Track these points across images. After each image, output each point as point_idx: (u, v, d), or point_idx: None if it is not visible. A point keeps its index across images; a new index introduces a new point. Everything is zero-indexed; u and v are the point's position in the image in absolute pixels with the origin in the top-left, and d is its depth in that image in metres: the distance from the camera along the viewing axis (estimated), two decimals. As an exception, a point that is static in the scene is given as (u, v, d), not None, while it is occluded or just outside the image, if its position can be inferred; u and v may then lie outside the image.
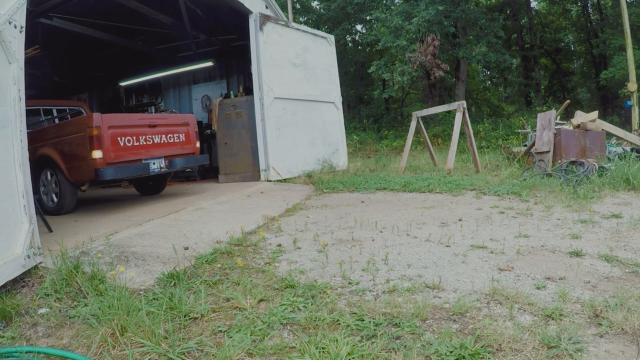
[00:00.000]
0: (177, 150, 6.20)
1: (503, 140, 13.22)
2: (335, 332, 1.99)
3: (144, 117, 6.16)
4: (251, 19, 7.50)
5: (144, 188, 7.25)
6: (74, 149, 5.26)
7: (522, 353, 1.77)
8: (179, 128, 6.33)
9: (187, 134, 6.42)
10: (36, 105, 7.01)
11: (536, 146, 6.85)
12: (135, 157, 5.51)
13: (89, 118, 5.11)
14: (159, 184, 7.14)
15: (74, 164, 5.29)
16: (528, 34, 21.99)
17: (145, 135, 5.74)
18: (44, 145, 5.66)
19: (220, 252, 3.42)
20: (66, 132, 5.41)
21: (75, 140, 5.23)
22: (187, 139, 6.39)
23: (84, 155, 5.11)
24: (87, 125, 5.06)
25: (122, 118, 5.95)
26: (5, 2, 2.70)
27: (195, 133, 6.54)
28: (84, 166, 5.13)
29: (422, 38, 14.24)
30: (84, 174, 5.27)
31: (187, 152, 6.36)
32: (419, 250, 3.28)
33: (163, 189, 7.31)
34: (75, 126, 5.35)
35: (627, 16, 12.00)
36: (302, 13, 22.34)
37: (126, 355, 1.89)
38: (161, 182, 7.12)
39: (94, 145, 5.01)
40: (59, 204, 5.63)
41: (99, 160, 5.03)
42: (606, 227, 3.66)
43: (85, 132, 5.07)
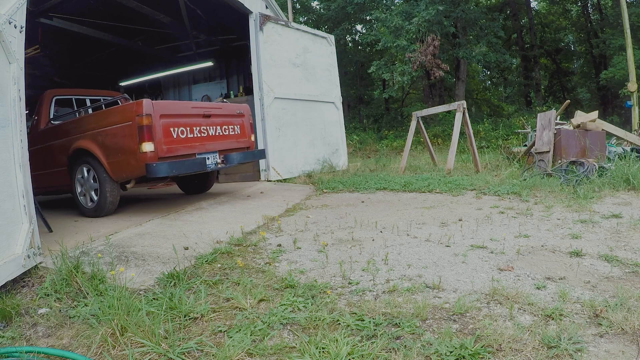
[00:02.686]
0: (232, 144, 5.56)
1: (503, 140, 13.22)
2: (335, 332, 1.99)
3: (197, 105, 5.40)
4: (251, 19, 7.50)
5: (189, 186, 6.67)
6: (119, 141, 4.61)
7: (522, 353, 1.77)
8: (233, 119, 5.68)
9: (242, 125, 5.79)
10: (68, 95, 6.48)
11: (536, 146, 6.85)
12: (188, 150, 4.88)
13: (138, 105, 4.43)
14: (205, 181, 6.51)
15: (118, 158, 4.66)
16: (528, 34, 22.00)
17: (200, 126, 5.07)
18: (80, 137, 5.02)
19: (220, 252, 3.42)
20: (109, 122, 4.75)
21: (121, 131, 4.57)
22: (242, 131, 5.77)
23: (131, 148, 4.48)
24: (135, 114, 4.41)
25: (175, 106, 5.26)
26: (5, 2, 2.70)
27: (250, 125, 5.95)
28: (131, 161, 4.51)
29: (422, 38, 14.24)
30: (131, 170, 4.64)
31: (242, 145, 5.75)
32: (419, 250, 3.28)
33: (210, 187, 6.69)
34: (120, 115, 4.65)
35: (627, 16, 12.00)
36: (302, 13, 22.34)
37: (126, 355, 1.89)
38: (208, 179, 6.50)
39: (143, 136, 4.37)
40: (99, 205, 4.96)
41: (150, 154, 4.41)
42: (606, 227, 3.66)
43: (133, 122, 4.42)
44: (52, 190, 6.20)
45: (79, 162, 5.14)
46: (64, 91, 6.45)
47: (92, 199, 5.07)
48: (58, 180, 5.61)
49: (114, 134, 4.67)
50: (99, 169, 4.86)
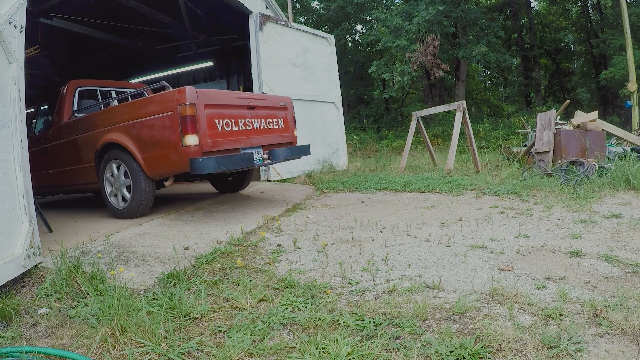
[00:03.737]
0: (276, 139, 5.16)
1: (503, 140, 13.23)
2: (335, 332, 1.99)
3: (242, 95, 4.98)
4: (251, 19, 7.50)
5: (224, 184, 6.24)
6: (157, 133, 4.16)
7: (522, 353, 1.77)
8: (277, 112, 5.30)
9: (286, 119, 5.42)
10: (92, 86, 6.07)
11: (536, 146, 6.85)
12: (233, 145, 4.46)
13: (181, 93, 4.01)
14: (243, 179, 6.10)
15: (155, 152, 4.22)
16: (528, 34, 22.00)
17: (244, 118, 4.66)
18: (111, 130, 4.57)
19: (220, 252, 3.42)
20: (146, 112, 4.28)
21: (160, 123, 4.13)
22: (285, 125, 5.39)
23: (171, 141, 4.06)
24: (177, 103, 3.98)
25: (220, 95, 4.68)
26: (5, 2, 2.70)
27: (293, 119, 5.57)
28: (172, 156, 4.09)
29: (422, 38, 14.25)
30: (171, 166, 4.21)
31: (286, 140, 5.37)
32: (419, 250, 3.28)
33: (247, 185, 6.30)
34: (159, 104, 4.18)
35: (627, 16, 12.00)
36: (302, 13, 22.34)
37: (126, 355, 1.89)
38: (246, 177, 6.09)
39: (187, 128, 3.95)
40: (132, 205, 4.51)
41: (194, 148, 3.98)
42: (606, 227, 3.66)
43: (174, 112, 4.00)
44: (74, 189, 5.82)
45: (108, 158, 4.70)
46: (88, 82, 6.03)
47: (124, 198, 4.63)
48: (83, 178, 5.21)
49: (152, 125, 4.20)
50: (132, 165, 4.42)
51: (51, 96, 5.99)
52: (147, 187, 4.47)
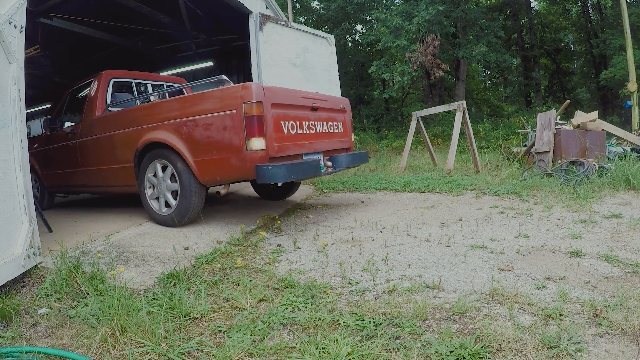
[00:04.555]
0: (336, 144, 4.80)
1: (503, 140, 13.22)
2: (335, 332, 1.99)
3: (306, 95, 4.49)
4: (251, 19, 7.50)
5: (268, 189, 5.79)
6: (215, 134, 3.71)
7: (522, 353, 1.77)
8: (337, 114, 4.94)
9: (345, 123, 5.09)
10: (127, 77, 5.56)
11: (536, 146, 6.85)
12: (297, 150, 4.08)
13: (246, 89, 3.58)
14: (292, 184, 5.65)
15: (211, 156, 3.78)
16: (528, 34, 22.00)
17: (308, 120, 4.28)
18: (155, 127, 4.13)
19: (220, 252, 3.42)
20: (201, 110, 3.81)
21: (219, 122, 3.68)
22: (344, 129, 5.05)
23: (233, 144, 3.62)
24: (242, 100, 3.55)
25: (286, 94, 4.14)
26: (5, 2, 2.70)
27: (350, 122, 5.27)
28: (233, 161, 3.66)
29: (422, 38, 14.24)
30: (231, 172, 3.77)
31: (344, 146, 5.05)
32: (419, 250, 3.28)
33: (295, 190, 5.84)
34: (219, 101, 3.72)
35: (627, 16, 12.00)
36: (302, 13, 22.34)
37: (126, 355, 1.88)
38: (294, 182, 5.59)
39: (253, 130, 3.53)
40: (179, 211, 4.06)
41: (260, 152, 3.57)
42: (606, 227, 3.66)
43: (238, 110, 3.56)
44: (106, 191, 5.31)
45: (151, 158, 4.25)
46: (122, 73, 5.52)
47: (167, 204, 4.22)
48: (118, 179, 4.73)
49: (208, 125, 3.74)
50: (181, 168, 3.99)
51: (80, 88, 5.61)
52: (197, 194, 4.01)
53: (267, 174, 3.54)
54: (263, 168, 3.55)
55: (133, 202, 6.11)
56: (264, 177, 3.56)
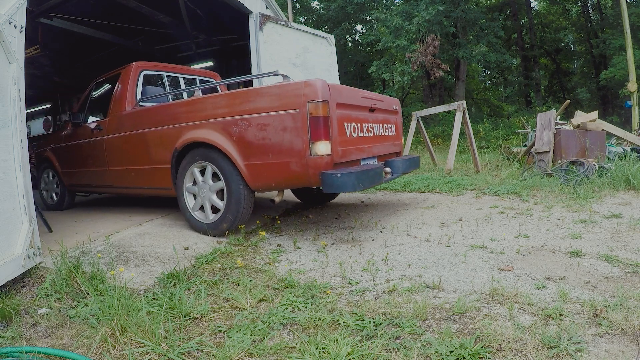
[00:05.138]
0: (389, 147, 4.47)
1: (503, 140, 13.23)
2: (335, 332, 1.99)
3: (366, 95, 4.11)
4: (251, 19, 7.50)
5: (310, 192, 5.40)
6: (272, 135, 3.34)
7: (522, 353, 1.77)
8: (390, 116, 4.59)
9: (397, 125, 4.75)
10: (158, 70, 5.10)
11: (536, 146, 6.85)
12: (357, 155, 3.77)
13: (310, 87, 3.21)
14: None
15: (266, 159, 3.41)
16: (528, 34, 22.01)
17: (367, 122, 3.96)
18: (198, 126, 3.76)
19: (220, 252, 3.42)
20: (255, 107, 3.43)
21: (278, 122, 3.31)
22: (396, 132, 4.72)
23: (294, 148, 3.26)
24: (306, 99, 3.19)
25: (349, 93, 3.77)
26: (5, 2, 2.71)
27: (401, 124, 4.91)
28: (294, 166, 3.30)
29: (422, 38, 14.25)
30: (289, 179, 3.41)
31: (397, 150, 4.71)
32: (419, 250, 3.28)
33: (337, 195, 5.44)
34: (277, 98, 3.35)
35: (627, 16, 12.00)
36: (302, 13, 22.35)
37: (126, 355, 1.88)
38: None
39: (319, 133, 3.18)
40: (225, 219, 3.72)
41: (326, 158, 3.22)
42: (606, 227, 3.66)
43: (301, 110, 3.20)
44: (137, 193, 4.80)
45: (192, 160, 3.87)
46: (153, 65, 5.09)
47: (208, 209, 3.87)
48: (152, 181, 4.35)
49: (264, 125, 3.37)
50: (228, 173, 3.61)
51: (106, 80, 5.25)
52: (247, 200, 3.65)
53: (336, 183, 3.15)
54: (331, 176, 3.16)
55: (133, 202, 6.11)
56: (332, 186, 3.17)
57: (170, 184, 4.15)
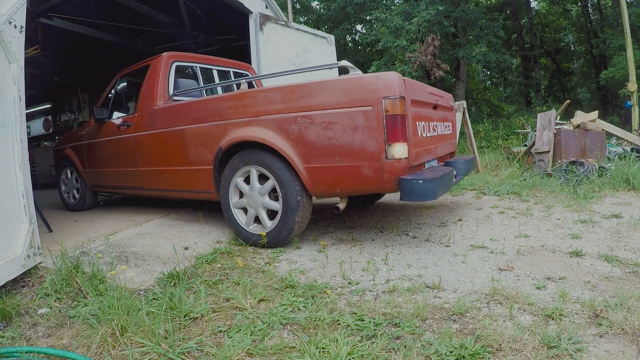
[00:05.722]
0: (447, 148, 4.15)
1: (503, 140, 13.22)
2: (335, 332, 1.99)
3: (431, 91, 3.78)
4: (251, 19, 7.50)
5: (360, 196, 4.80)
6: (339, 135, 2.98)
7: (522, 353, 1.77)
8: (448, 113, 4.27)
9: (453, 123, 4.43)
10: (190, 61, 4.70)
11: (536, 146, 6.85)
12: (425, 157, 3.43)
13: (385, 81, 2.85)
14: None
15: (331, 162, 3.05)
16: (528, 34, 22.01)
17: (432, 121, 3.63)
18: (248, 123, 3.38)
19: (220, 252, 3.42)
20: (318, 103, 3.06)
21: (346, 120, 2.95)
22: (453, 130, 4.38)
23: (366, 149, 2.92)
24: (381, 95, 2.84)
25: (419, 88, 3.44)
26: (5, 2, 2.70)
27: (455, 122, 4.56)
28: (366, 170, 2.95)
29: (422, 38, 14.25)
30: (359, 184, 3.04)
31: (452, 150, 4.38)
32: (419, 250, 3.28)
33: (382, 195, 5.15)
34: (345, 93, 2.97)
35: (627, 16, 12.00)
36: (302, 13, 22.34)
37: (126, 355, 1.88)
38: None
39: (396, 133, 2.84)
40: (279, 228, 3.38)
41: (404, 162, 2.89)
42: (606, 227, 3.66)
43: (375, 107, 2.84)
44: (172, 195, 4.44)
45: (240, 162, 3.49)
46: (185, 56, 4.68)
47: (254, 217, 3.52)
48: (189, 183, 3.99)
49: (329, 123, 3.00)
50: (284, 176, 3.25)
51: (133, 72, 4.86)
52: (305, 208, 3.31)
53: (418, 190, 2.82)
54: (412, 183, 2.82)
55: (133, 202, 6.11)
56: (413, 194, 2.85)
57: (212, 187, 3.76)
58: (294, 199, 3.26)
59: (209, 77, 4.93)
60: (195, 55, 4.84)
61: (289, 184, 3.25)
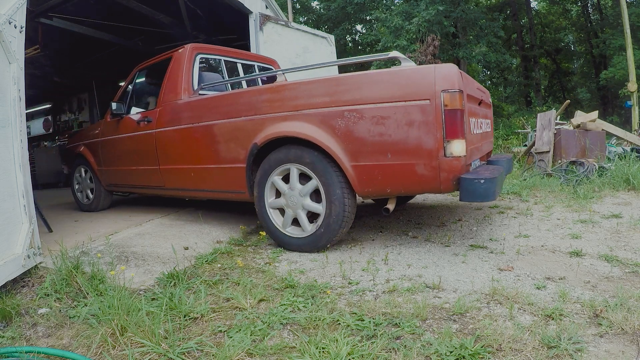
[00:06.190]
0: (488, 146, 3.94)
1: (503, 140, 13.22)
2: (335, 332, 1.99)
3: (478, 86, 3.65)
4: (251, 19, 7.51)
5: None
6: (392, 131, 2.78)
7: (522, 353, 1.77)
8: (488, 110, 4.05)
9: (492, 121, 4.22)
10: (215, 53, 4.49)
11: (536, 146, 6.85)
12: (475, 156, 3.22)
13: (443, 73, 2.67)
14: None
15: (382, 160, 2.85)
16: (528, 34, 22.02)
17: (479, 117, 3.44)
18: (286, 117, 3.17)
19: (220, 252, 3.42)
20: (366, 96, 2.86)
21: (399, 115, 2.74)
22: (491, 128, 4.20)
23: (422, 146, 2.72)
24: (440, 87, 2.64)
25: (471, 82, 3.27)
26: (5, 2, 2.70)
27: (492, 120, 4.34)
28: (421, 169, 2.76)
29: (422, 38, 14.25)
30: (412, 183, 2.84)
31: (490, 148, 4.15)
32: (419, 250, 3.28)
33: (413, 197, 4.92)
34: (397, 85, 2.78)
35: (627, 16, 12.01)
36: (302, 13, 22.35)
37: (126, 355, 1.89)
38: None
39: (455, 129, 2.66)
40: (321, 231, 3.17)
41: (463, 160, 2.70)
42: (606, 227, 3.66)
43: (433, 101, 2.65)
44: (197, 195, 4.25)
45: (277, 160, 3.29)
46: (209, 48, 4.43)
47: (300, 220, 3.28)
48: (218, 183, 3.77)
49: (381, 118, 2.80)
50: (327, 175, 3.05)
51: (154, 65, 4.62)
52: (350, 209, 3.11)
53: (479, 191, 2.63)
54: (474, 182, 2.63)
55: (133, 202, 6.11)
56: (474, 194, 2.66)
57: (244, 187, 3.52)
58: (339, 200, 3.04)
59: (233, 70, 4.68)
60: (219, 47, 4.58)
61: (334, 184, 3.04)
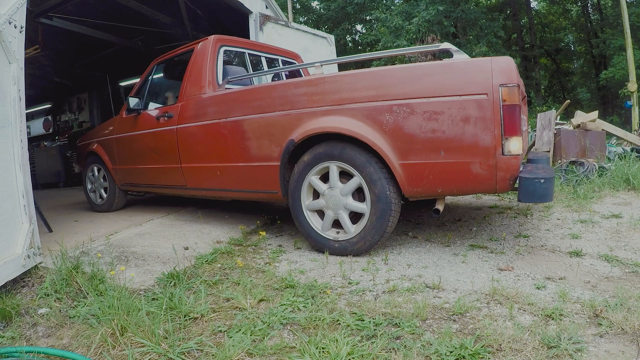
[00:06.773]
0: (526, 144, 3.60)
1: (503, 140, 13.21)
2: (335, 332, 1.99)
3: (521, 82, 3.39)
4: (251, 19, 7.51)
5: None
6: (445, 127, 2.60)
7: (522, 353, 1.77)
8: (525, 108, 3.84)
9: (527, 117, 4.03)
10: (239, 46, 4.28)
11: (536, 146, 6.85)
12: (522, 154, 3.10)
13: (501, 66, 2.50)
14: None
15: (434, 158, 2.67)
16: (528, 34, 22.03)
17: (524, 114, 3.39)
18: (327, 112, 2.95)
19: (220, 252, 3.42)
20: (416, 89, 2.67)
21: (453, 110, 2.56)
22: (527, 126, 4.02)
23: (478, 144, 2.54)
24: (497, 82, 2.47)
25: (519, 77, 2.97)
26: (5, 2, 2.70)
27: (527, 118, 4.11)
28: (475, 167, 2.59)
29: (422, 38, 14.26)
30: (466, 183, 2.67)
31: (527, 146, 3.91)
32: (419, 250, 3.28)
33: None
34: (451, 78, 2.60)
35: (627, 16, 12.01)
36: (302, 13, 22.36)
37: (126, 355, 1.88)
38: None
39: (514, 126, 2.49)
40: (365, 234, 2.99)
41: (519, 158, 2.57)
42: (606, 227, 3.66)
43: (490, 96, 2.48)
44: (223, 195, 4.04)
45: (315, 158, 3.08)
46: (233, 41, 4.21)
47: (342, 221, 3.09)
48: (249, 182, 3.56)
49: (434, 113, 2.62)
50: (374, 173, 2.86)
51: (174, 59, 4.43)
52: (396, 209, 2.94)
53: (539, 191, 2.51)
54: (534, 182, 2.50)
55: (133, 202, 6.11)
56: (534, 195, 2.53)
57: (277, 186, 3.32)
58: (385, 200, 2.87)
59: (257, 64, 4.50)
60: (243, 40, 4.37)
61: (380, 183, 2.85)
